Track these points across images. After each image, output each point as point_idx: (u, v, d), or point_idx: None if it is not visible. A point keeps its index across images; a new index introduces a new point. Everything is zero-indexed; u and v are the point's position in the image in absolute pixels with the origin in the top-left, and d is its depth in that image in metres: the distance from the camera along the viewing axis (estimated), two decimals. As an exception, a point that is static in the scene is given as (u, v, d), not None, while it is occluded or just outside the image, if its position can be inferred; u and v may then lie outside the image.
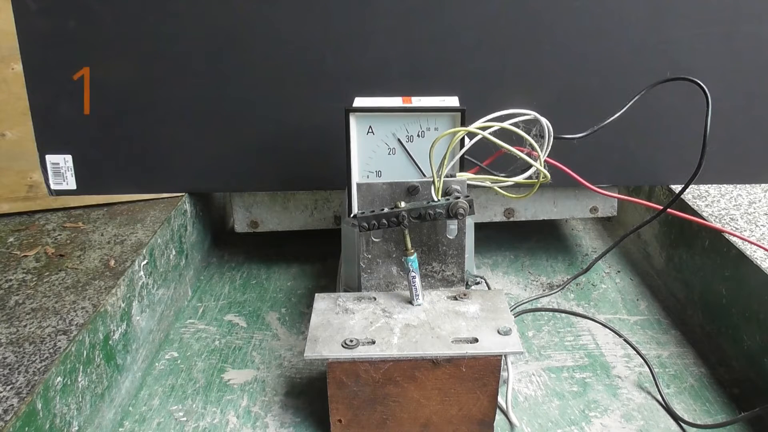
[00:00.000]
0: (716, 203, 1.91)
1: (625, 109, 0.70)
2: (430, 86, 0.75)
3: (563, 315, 0.76)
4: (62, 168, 0.79)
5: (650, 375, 0.64)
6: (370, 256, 0.62)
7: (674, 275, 0.81)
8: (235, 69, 0.77)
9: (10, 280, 1.55)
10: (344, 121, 0.64)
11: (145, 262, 0.70)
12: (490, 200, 0.88)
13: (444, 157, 0.59)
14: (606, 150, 0.79)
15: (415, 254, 0.59)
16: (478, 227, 0.79)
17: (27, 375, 1.21)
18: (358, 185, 0.61)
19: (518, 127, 0.60)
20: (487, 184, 0.64)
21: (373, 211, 0.58)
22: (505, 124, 0.60)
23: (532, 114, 0.61)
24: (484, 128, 0.59)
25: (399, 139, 0.65)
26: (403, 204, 0.58)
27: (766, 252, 0.76)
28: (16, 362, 1.25)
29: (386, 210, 0.58)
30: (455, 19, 0.75)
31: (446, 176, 0.61)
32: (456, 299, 0.60)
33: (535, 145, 0.61)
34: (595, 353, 0.69)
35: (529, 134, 0.61)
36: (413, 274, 0.58)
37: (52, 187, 0.80)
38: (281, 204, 0.89)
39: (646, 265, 0.88)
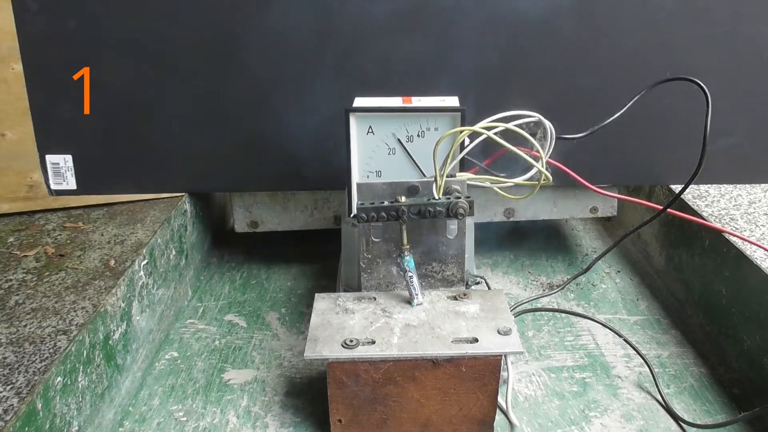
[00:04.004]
0: (716, 203, 1.91)
1: (625, 109, 0.70)
2: (430, 86, 0.75)
3: (563, 315, 0.76)
4: (62, 168, 0.79)
5: (650, 375, 0.64)
6: (370, 256, 0.62)
7: (674, 275, 0.81)
8: (235, 69, 0.77)
9: (10, 280, 1.55)
10: (344, 121, 0.64)
11: (145, 262, 0.70)
12: (490, 200, 0.88)
13: (448, 156, 0.59)
14: (606, 150, 0.79)
15: (411, 254, 0.59)
16: (478, 227, 0.79)
17: (27, 375, 1.21)
18: (359, 185, 0.61)
19: (522, 128, 0.60)
20: (487, 184, 0.64)
21: (373, 203, 0.58)
22: (510, 126, 0.60)
23: (536, 116, 0.61)
24: (488, 128, 0.59)
25: (399, 139, 0.65)
26: (403, 199, 0.58)
27: (766, 252, 0.76)
28: (16, 362, 1.25)
29: (386, 203, 0.58)
30: (455, 19, 0.75)
31: (447, 176, 0.61)
32: (456, 299, 0.60)
33: (539, 146, 0.61)
34: (595, 353, 0.69)
35: (533, 137, 0.61)
36: (410, 273, 0.58)
37: (52, 187, 0.80)
38: (281, 204, 0.88)
39: (646, 265, 0.88)
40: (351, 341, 0.54)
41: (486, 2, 0.74)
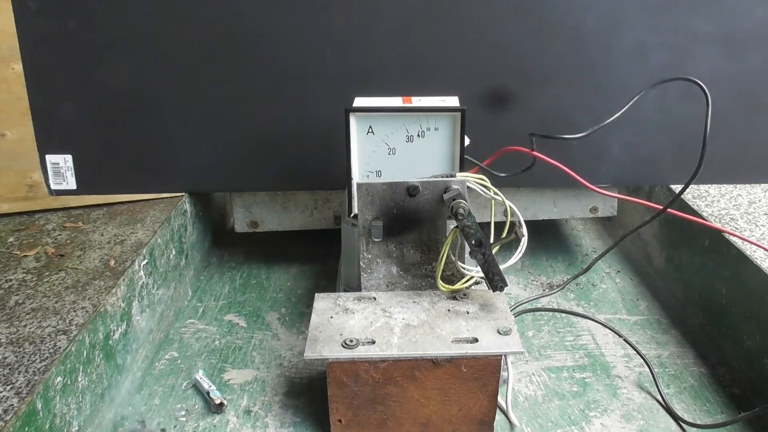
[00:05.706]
0: (716, 203, 1.91)
1: (625, 109, 0.70)
2: (430, 86, 0.75)
3: (563, 315, 0.76)
4: (62, 168, 0.79)
5: (650, 375, 0.64)
6: (370, 256, 0.62)
7: (674, 275, 0.81)
8: (235, 69, 0.77)
9: (10, 280, 1.55)
10: (344, 121, 0.64)
11: (145, 262, 0.70)
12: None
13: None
14: (606, 150, 0.79)
15: None
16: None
17: (27, 375, 1.21)
18: (358, 185, 0.61)
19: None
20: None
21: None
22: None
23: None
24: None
25: (399, 139, 0.65)
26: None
27: (766, 252, 0.76)
28: (16, 362, 1.25)
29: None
30: (455, 19, 0.75)
31: (446, 176, 0.61)
32: (456, 299, 0.60)
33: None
34: (595, 353, 0.69)
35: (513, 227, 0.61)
36: None
37: (52, 187, 0.80)
38: (281, 204, 0.88)
39: (646, 265, 0.88)
40: (351, 341, 0.54)
41: (488, 3, 0.74)
